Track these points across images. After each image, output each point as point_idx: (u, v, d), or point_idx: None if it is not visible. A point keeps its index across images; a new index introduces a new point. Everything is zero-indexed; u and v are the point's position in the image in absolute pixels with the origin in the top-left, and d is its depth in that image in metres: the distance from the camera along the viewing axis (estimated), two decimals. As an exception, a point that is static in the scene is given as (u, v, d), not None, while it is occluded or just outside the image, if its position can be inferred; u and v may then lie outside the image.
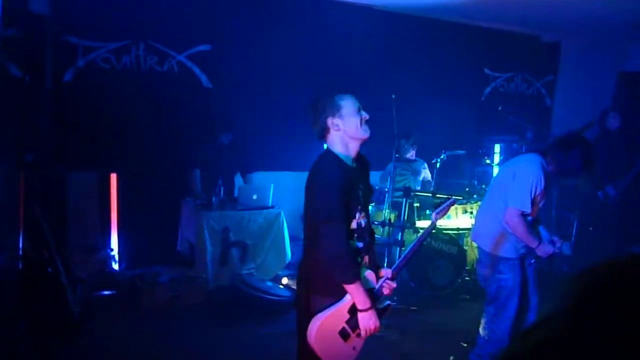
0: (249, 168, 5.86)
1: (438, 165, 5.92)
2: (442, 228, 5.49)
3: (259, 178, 5.93)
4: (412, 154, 6.16)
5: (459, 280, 5.38)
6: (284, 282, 5.44)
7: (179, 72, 5.75)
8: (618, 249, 5.81)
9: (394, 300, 4.89)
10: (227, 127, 5.58)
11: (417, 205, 5.65)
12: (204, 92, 5.89)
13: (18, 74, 4.67)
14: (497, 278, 3.47)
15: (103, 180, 5.43)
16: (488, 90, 7.78)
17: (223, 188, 5.41)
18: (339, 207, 2.42)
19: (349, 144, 2.55)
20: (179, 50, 5.73)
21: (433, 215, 2.86)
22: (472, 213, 5.56)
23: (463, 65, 7.20)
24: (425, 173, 6.25)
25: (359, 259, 2.58)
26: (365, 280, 2.57)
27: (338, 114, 2.51)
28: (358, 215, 2.53)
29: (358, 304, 2.48)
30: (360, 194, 2.58)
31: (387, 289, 2.64)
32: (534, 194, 3.29)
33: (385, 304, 2.67)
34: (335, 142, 2.55)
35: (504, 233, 3.42)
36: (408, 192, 5.30)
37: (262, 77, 6.06)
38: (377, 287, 2.61)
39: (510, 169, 3.47)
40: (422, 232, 2.85)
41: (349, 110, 2.52)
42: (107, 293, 4.94)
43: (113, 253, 5.36)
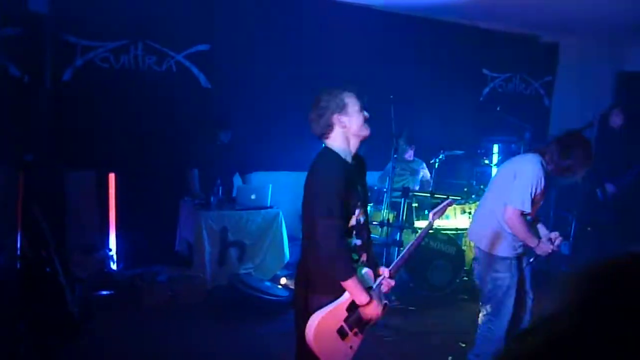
0: (248, 168, 5.86)
1: (436, 166, 5.92)
2: (440, 228, 5.49)
3: (258, 178, 5.93)
4: (410, 154, 6.18)
5: (458, 280, 5.38)
6: (283, 282, 5.44)
7: (178, 71, 5.75)
8: (617, 248, 5.80)
9: (393, 301, 4.90)
10: (226, 126, 5.59)
11: (415, 206, 5.66)
12: (203, 91, 5.89)
13: (17, 74, 4.66)
14: (493, 277, 3.47)
15: (102, 180, 5.42)
16: (486, 91, 7.79)
17: (221, 188, 5.41)
18: (338, 204, 2.42)
19: (351, 141, 2.57)
20: (178, 50, 5.73)
21: (430, 215, 2.86)
22: (470, 213, 5.57)
23: (461, 66, 7.21)
24: (424, 173, 6.26)
25: (357, 256, 2.58)
26: (364, 279, 2.57)
27: (344, 111, 2.52)
28: (357, 212, 2.54)
29: (357, 301, 2.48)
30: (360, 190, 2.59)
31: (385, 287, 2.64)
32: (534, 194, 3.29)
33: (382, 303, 2.67)
34: (338, 138, 2.56)
35: (502, 232, 3.42)
36: (407, 192, 5.32)
37: (260, 76, 6.06)
38: (375, 285, 2.61)
39: (511, 169, 3.47)
40: (420, 231, 2.85)
41: (355, 108, 2.54)
42: (106, 293, 4.94)
43: (112, 253, 5.36)
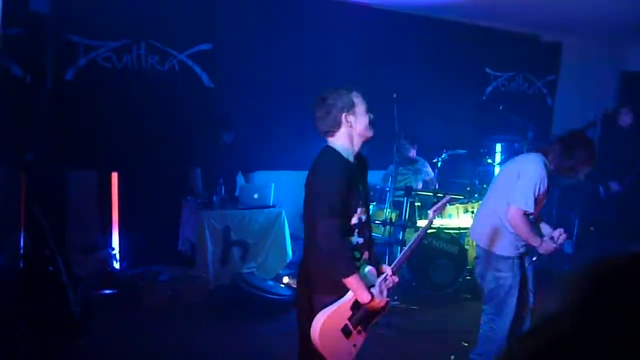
0: (250, 167, 5.86)
1: (439, 165, 5.91)
2: (443, 227, 5.49)
3: (260, 177, 5.93)
4: (413, 153, 6.16)
5: (460, 280, 5.37)
6: (285, 281, 5.43)
7: (180, 71, 5.75)
8: (619, 248, 5.79)
9: (395, 300, 4.89)
10: (228, 125, 5.59)
11: (418, 205, 5.65)
12: (205, 91, 5.89)
13: (19, 74, 4.66)
14: (495, 276, 3.46)
15: (104, 180, 5.43)
16: (489, 90, 7.78)
17: (224, 187, 5.41)
18: (339, 203, 2.43)
19: (355, 141, 2.59)
20: (180, 50, 5.73)
21: (430, 213, 2.89)
22: (473, 212, 5.55)
23: (464, 65, 7.20)
24: (427, 171, 6.24)
25: (359, 254, 2.59)
26: (367, 276, 2.58)
27: (352, 111, 2.53)
28: (359, 211, 2.55)
29: (360, 298, 2.49)
30: (361, 189, 2.60)
31: (388, 284, 2.64)
32: (537, 194, 3.28)
33: (386, 299, 2.67)
34: (342, 137, 2.57)
35: (504, 231, 3.41)
36: (409, 191, 5.31)
37: (262, 76, 6.06)
38: (378, 282, 2.62)
39: (514, 169, 3.46)
40: (421, 229, 2.87)
41: (362, 109, 2.56)
42: (107, 292, 4.95)
43: (114, 252, 5.36)
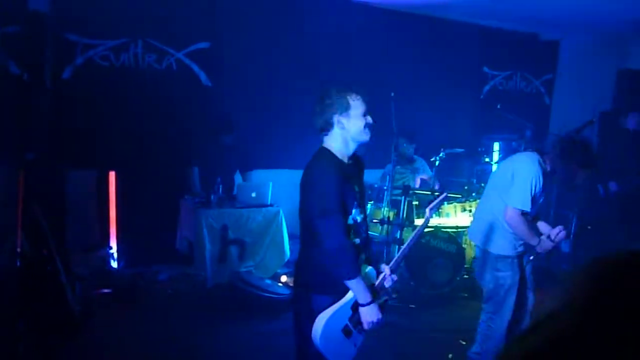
0: (248, 166, 5.85)
1: (437, 164, 5.92)
2: (441, 226, 5.49)
3: (258, 176, 5.92)
4: (411, 152, 6.16)
5: (458, 279, 5.38)
6: (283, 280, 5.44)
7: (178, 69, 5.74)
8: (617, 246, 5.79)
9: (393, 299, 4.90)
10: (228, 129, 5.56)
11: (416, 204, 5.65)
12: (203, 89, 5.88)
13: (17, 72, 4.65)
14: (495, 276, 3.48)
15: (102, 179, 5.42)
16: (487, 89, 7.78)
17: (222, 186, 5.40)
18: (336, 201, 2.42)
19: (349, 143, 2.57)
20: (178, 48, 5.72)
21: (427, 211, 2.89)
22: (470, 211, 5.56)
23: (462, 63, 7.21)
24: (425, 171, 6.24)
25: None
26: (368, 276, 2.59)
27: (345, 113, 2.51)
28: (354, 211, 2.55)
29: (360, 299, 2.49)
30: (357, 189, 2.59)
31: (388, 282, 2.66)
32: (534, 193, 3.29)
33: (383, 299, 2.68)
34: (336, 138, 2.56)
35: (502, 231, 3.42)
36: (407, 190, 5.31)
37: (261, 74, 6.06)
38: (377, 282, 2.63)
39: (509, 168, 3.47)
40: (418, 228, 2.87)
41: (357, 112, 2.52)
42: (106, 291, 4.95)
43: (112, 251, 5.36)
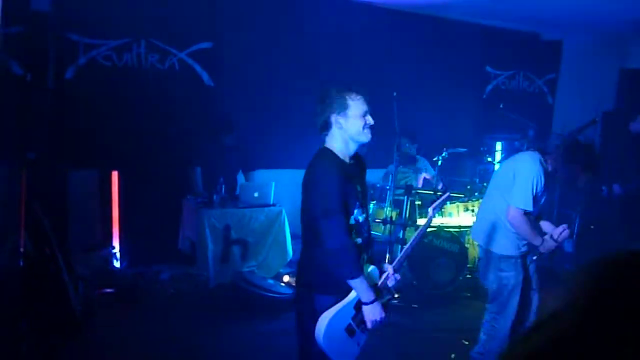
0: (251, 166, 5.85)
1: (440, 163, 5.91)
2: (443, 226, 5.48)
3: (261, 176, 5.92)
4: (413, 152, 6.15)
5: (461, 278, 5.37)
6: (286, 279, 5.43)
7: (180, 69, 5.75)
8: (620, 246, 5.76)
9: (395, 298, 4.89)
10: (229, 129, 5.57)
11: (418, 203, 5.65)
12: (205, 89, 5.89)
13: (19, 72, 4.66)
14: (498, 276, 3.47)
15: (104, 178, 5.43)
16: (490, 88, 7.77)
17: (224, 186, 5.40)
18: (338, 201, 2.42)
19: (349, 143, 2.57)
20: (180, 48, 5.72)
21: (430, 210, 2.88)
22: (473, 211, 5.55)
23: (465, 63, 7.20)
24: (428, 171, 6.23)
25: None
26: (371, 276, 2.60)
27: (343, 113, 2.50)
28: (356, 212, 2.54)
29: (363, 298, 2.49)
30: (358, 189, 2.59)
31: (391, 282, 2.66)
32: (535, 192, 3.29)
33: (386, 298, 2.68)
34: (335, 138, 2.56)
35: (505, 231, 3.42)
36: (409, 190, 5.30)
37: (263, 74, 6.06)
38: (380, 282, 2.64)
39: (510, 168, 3.46)
40: (421, 227, 2.87)
41: (355, 112, 2.51)
42: (108, 291, 4.95)
43: (114, 251, 5.36)
